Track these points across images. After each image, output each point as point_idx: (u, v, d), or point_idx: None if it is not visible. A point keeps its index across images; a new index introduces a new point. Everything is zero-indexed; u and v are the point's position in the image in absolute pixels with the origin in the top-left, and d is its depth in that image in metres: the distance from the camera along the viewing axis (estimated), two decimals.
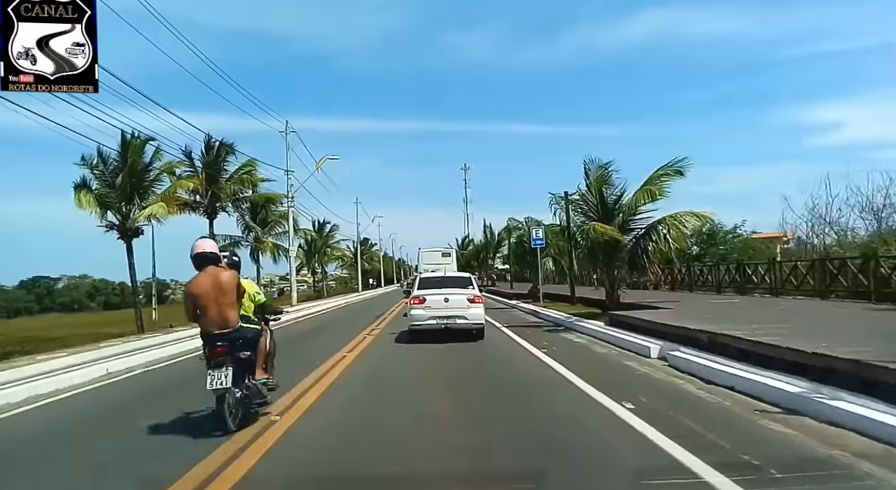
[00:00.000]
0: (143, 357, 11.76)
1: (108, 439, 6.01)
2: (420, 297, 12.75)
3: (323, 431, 5.86)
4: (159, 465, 4.89)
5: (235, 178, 34.39)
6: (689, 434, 5.17)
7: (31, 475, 4.97)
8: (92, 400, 8.31)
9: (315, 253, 59.81)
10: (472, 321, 12.52)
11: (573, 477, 4.30)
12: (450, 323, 12.38)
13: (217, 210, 34.49)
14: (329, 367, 9.72)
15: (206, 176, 33.43)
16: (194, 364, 7.30)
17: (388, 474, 4.52)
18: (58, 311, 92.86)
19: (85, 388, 9.02)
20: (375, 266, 79.22)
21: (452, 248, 45.42)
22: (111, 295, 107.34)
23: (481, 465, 4.70)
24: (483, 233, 57.08)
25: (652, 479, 4.13)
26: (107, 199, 26.34)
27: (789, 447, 4.78)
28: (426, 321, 12.46)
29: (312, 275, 63.73)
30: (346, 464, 4.87)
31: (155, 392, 8.81)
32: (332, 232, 61.39)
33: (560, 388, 7.80)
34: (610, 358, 10.25)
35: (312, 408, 6.80)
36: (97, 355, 11.37)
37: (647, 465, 4.42)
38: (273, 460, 4.89)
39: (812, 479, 4.08)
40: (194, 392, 6.43)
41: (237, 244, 43.95)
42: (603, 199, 15.06)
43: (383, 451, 5.19)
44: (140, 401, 8.17)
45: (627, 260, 15.03)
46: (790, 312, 12.68)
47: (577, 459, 4.71)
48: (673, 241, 14.06)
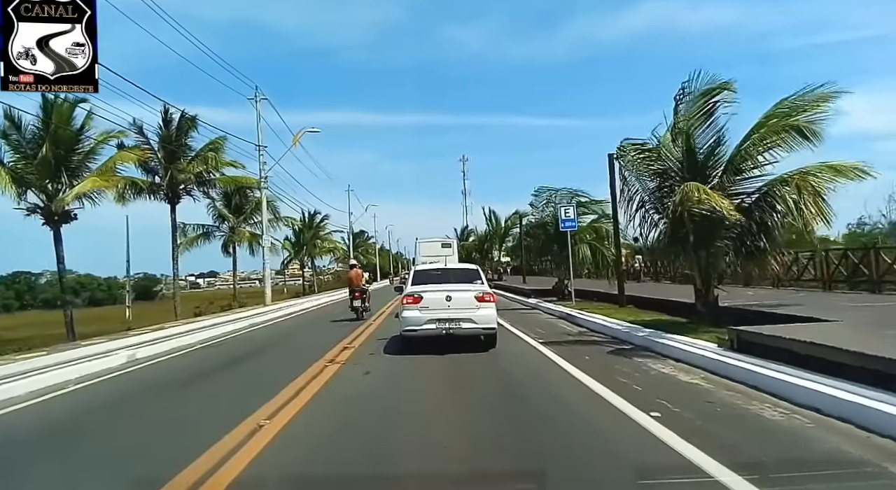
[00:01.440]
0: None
1: None
2: (415, 294, 10.21)
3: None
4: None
5: (200, 157, 29.06)
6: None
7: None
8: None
9: (304, 245, 54.49)
10: (482, 325, 9.95)
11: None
12: (453, 328, 9.87)
13: (180, 194, 29.27)
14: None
15: (165, 153, 28.31)
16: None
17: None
18: (39, 308, 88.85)
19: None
20: (371, 259, 73.92)
21: (453, 239, 39.99)
22: (97, 291, 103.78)
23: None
24: (486, 221, 51.61)
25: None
26: (25, 174, 21.15)
27: None
28: (422, 326, 9.94)
29: (301, 269, 58.38)
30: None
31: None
32: (324, 222, 56.05)
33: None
34: (804, 434, 4.82)
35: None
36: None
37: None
38: None
39: None
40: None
41: (208, 235, 38.89)
42: (691, 147, 9.79)
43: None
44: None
45: (736, 240, 9.72)
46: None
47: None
48: (812, 211, 8.84)
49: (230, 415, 5.84)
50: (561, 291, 19.81)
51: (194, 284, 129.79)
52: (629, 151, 10.49)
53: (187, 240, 37.04)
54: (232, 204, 38.27)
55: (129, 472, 4.45)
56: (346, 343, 12.07)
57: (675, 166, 10.11)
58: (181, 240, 37.58)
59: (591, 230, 19.53)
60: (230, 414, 5.89)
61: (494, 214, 50.14)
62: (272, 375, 8.49)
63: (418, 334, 9.93)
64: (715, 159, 9.82)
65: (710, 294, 10.14)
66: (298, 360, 9.52)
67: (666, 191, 10.15)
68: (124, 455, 4.96)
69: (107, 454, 5.03)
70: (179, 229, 38.04)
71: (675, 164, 10.12)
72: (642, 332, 10.22)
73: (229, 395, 7.52)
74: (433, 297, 10.00)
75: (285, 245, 54.87)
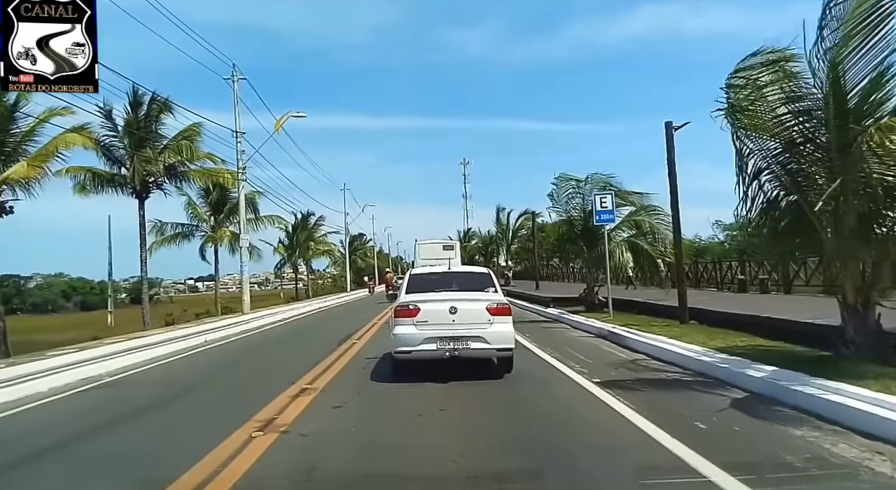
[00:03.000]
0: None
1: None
2: (409, 305, 8.16)
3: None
4: None
5: (172, 146, 25.59)
6: None
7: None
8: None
9: (297, 247, 50.94)
10: (496, 345, 7.93)
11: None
12: (460, 349, 7.86)
13: (149, 188, 25.79)
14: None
15: (133, 140, 24.90)
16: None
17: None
18: (28, 313, 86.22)
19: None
20: (370, 263, 70.20)
21: (455, 241, 36.26)
22: (89, 294, 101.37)
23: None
24: (495, 220, 47.77)
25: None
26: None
27: None
28: (419, 346, 7.91)
29: (295, 272, 54.78)
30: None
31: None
32: (318, 224, 52.42)
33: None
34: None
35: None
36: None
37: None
38: None
39: None
40: None
41: (187, 236, 35.31)
42: (838, 79, 6.12)
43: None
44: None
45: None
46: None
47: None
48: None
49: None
50: (591, 300, 16.18)
51: (193, 288, 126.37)
52: (750, 73, 6.63)
53: (161, 240, 33.57)
54: (209, 200, 34.77)
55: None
56: (322, 368, 8.75)
57: (815, 103, 6.41)
58: (158, 238, 34.33)
59: (629, 225, 15.88)
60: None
61: (507, 212, 46.41)
62: (180, 444, 5.06)
63: (414, 357, 8.00)
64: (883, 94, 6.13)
65: (871, 313, 6.47)
66: (242, 403, 6.53)
67: (802, 148, 6.46)
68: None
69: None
70: (157, 228, 34.84)
71: (814, 99, 6.42)
72: (756, 370, 6.59)
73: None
74: (433, 308, 8.09)
75: (278, 249, 51.46)
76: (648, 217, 15.46)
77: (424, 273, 9.89)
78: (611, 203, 13.77)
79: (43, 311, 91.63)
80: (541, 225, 46.08)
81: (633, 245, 15.42)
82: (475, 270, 10.42)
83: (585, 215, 15.88)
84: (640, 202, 15.93)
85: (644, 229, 15.63)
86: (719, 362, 7.44)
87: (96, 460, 5.01)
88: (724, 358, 7.60)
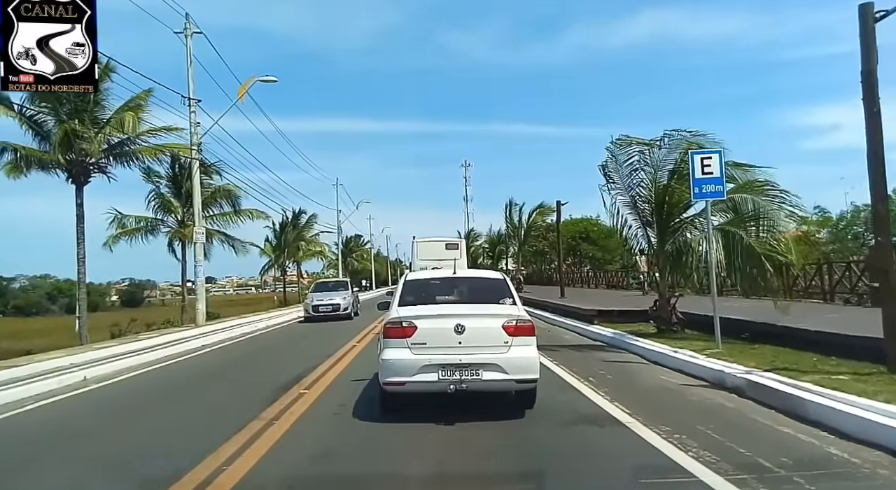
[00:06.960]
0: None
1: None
2: (402, 322, 6.48)
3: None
4: None
5: (114, 121, 20.77)
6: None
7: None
8: None
9: (285, 248, 46.09)
10: (516, 376, 6.27)
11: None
12: (468, 380, 6.20)
13: (88, 171, 20.94)
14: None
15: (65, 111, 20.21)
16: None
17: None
18: (10, 315, 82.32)
19: None
20: (367, 265, 65.26)
21: (460, 239, 31.07)
22: (76, 297, 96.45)
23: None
24: (505, 215, 42.67)
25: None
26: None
27: None
28: (415, 377, 6.28)
29: (283, 275, 49.87)
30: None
31: None
32: (310, 223, 47.48)
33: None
34: None
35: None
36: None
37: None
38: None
39: None
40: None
41: (153, 230, 30.38)
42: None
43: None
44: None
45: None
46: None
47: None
48: None
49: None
50: (666, 317, 11.17)
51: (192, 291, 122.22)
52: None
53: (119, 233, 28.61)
54: (182, 190, 29.71)
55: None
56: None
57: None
58: (117, 231, 29.49)
59: (723, 207, 10.81)
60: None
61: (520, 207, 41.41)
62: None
63: (409, 390, 6.31)
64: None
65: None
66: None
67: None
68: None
69: None
70: (118, 221, 30.00)
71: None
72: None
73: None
74: (434, 326, 6.44)
75: (266, 249, 46.61)
76: (754, 196, 10.45)
77: (423, 278, 8.15)
78: (717, 167, 8.81)
79: (27, 313, 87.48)
80: (549, 225, 41.51)
81: (730, 236, 10.40)
82: (487, 275, 8.62)
83: (657, 193, 10.93)
84: (740, 177, 10.90)
85: (744, 213, 10.61)
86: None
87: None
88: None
